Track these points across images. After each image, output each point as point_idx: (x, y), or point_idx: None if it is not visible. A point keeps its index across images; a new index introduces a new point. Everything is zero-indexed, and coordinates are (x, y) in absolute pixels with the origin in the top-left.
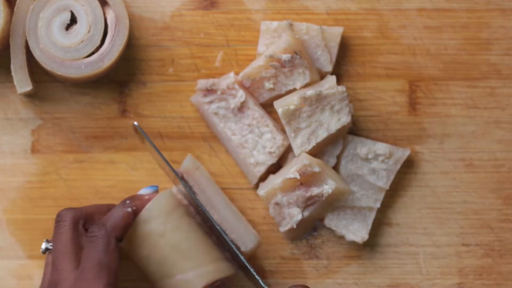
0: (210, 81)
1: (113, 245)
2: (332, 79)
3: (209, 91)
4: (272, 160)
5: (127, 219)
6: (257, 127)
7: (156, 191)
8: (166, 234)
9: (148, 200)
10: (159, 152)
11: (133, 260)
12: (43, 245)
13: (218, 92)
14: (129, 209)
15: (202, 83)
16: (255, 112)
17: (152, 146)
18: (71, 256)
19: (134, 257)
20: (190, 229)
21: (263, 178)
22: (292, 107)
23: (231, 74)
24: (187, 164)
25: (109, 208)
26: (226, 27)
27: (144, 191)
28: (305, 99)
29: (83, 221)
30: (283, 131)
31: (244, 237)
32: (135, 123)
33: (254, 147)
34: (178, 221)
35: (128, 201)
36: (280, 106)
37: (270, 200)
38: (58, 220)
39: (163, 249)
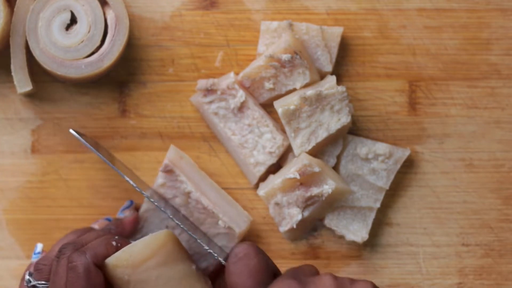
0: (210, 81)
1: (93, 271)
2: (332, 79)
3: (209, 91)
4: (272, 160)
5: (109, 249)
6: (257, 127)
7: (132, 208)
8: (130, 284)
9: (129, 224)
10: (105, 160)
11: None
12: (26, 277)
13: (218, 92)
14: (113, 243)
15: (202, 83)
16: (255, 112)
17: (99, 156)
18: None
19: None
20: (158, 284)
21: (263, 178)
22: (292, 107)
23: (231, 74)
24: (171, 155)
25: (105, 234)
26: (226, 27)
27: (122, 214)
28: (305, 99)
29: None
30: (283, 131)
31: (236, 219)
32: (71, 130)
33: (254, 147)
34: (147, 273)
35: (112, 227)
36: (280, 106)
37: (270, 200)
38: (60, 254)
39: None
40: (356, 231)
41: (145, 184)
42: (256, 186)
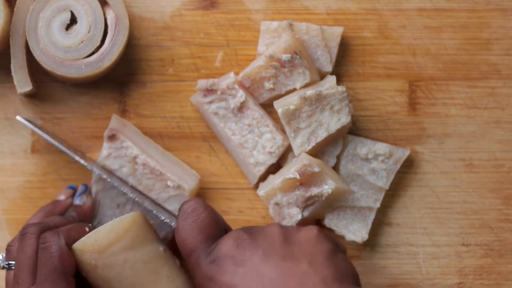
0: (210, 81)
1: (66, 252)
2: (332, 79)
3: (209, 91)
4: (272, 160)
5: (82, 234)
6: (257, 127)
7: (87, 194)
8: (98, 269)
9: (88, 209)
10: (59, 146)
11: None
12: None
13: (218, 92)
14: (87, 229)
15: (202, 83)
16: (255, 112)
17: (49, 140)
18: (33, 270)
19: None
20: (125, 267)
21: (263, 178)
22: (292, 107)
23: (231, 74)
24: (114, 124)
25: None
26: (226, 27)
27: (79, 201)
28: (305, 99)
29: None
30: (283, 131)
31: (185, 177)
32: (18, 117)
33: (254, 147)
34: (113, 258)
35: (73, 214)
36: (280, 106)
37: (270, 200)
38: (24, 232)
39: (96, 279)
40: (356, 231)
41: (91, 160)
42: (256, 186)
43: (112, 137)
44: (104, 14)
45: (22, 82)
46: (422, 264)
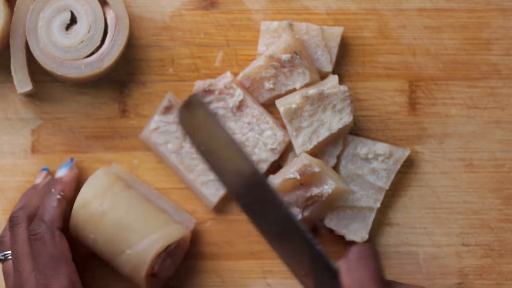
0: (207, 82)
1: (58, 236)
2: (334, 79)
3: (207, 91)
4: (274, 156)
5: (60, 206)
6: (257, 125)
7: (72, 167)
8: (106, 214)
9: (69, 181)
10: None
11: (84, 244)
12: None
13: (216, 92)
14: (58, 196)
15: (200, 84)
16: (254, 110)
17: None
18: (29, 256)
19: (84, 242)
20: (130, 202)
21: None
22: (294, 106)
23: (228, 74)
24: (170, 97)
25: (45, 192)
26: (226, 27)
27: (60, 173)
28: (307, 98)
29: (33, 218)
30: (283, 126)
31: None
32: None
33: (256, 145)
34: (116, 197)
35: (53, 189)
36: (282, 105)
37: None
38: (12, 223)
39: (107, 228)
40: (356, 231)
41: None
42: None
43: (168, 109)
44: (104, 14)
45: (22, 82)
46: (422, 264)
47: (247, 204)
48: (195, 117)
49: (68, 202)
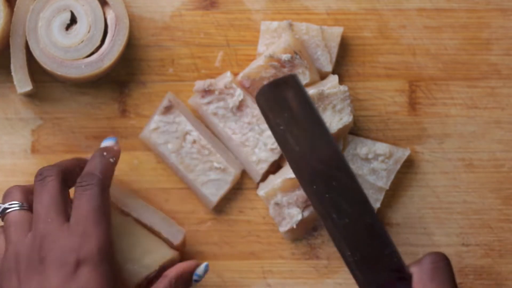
0: (207, 82)
1: (107, 192)
2: (334, 79)
3: (207, 92)
4: (274, 156)
5: (112, 168)
6: (257, 125)
7: (117, 141)
8: None
9: (118, 150)
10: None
11: None
12: None
13: (216, 92)
14: (112, 160)
15: (199, 84)
16: (254, 109)
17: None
18: (62, 208)
19: None
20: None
21: (263, 178)
22: None
23: (228, 74)
24: (170, 97)
25: (84, 161)
26: (226, 27)
27: (108, 142)
28: None
29: (66, 177)
30: None
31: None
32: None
33: (256, 145)
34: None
35: (105, 153)
36: None
37: (270, 200)
38: (44, 176)
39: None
40: None
41: None
42: (256, 186)
43: (168, 108)
44: (104, 14)
45: (22, 82)
46: None
47: (320, 191)
48: (283, 95)
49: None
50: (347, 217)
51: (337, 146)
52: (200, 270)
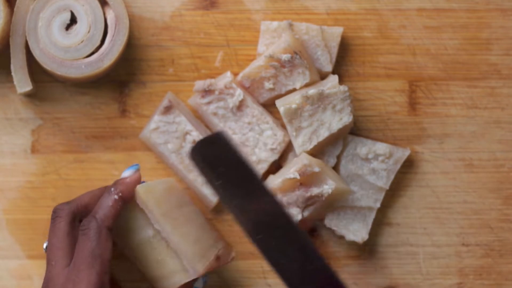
0: (207, 81)
1: (104, 235)
2: (334, 79)
3: (207, 91)
4: (274, 156)
5: (116, 207)
6: (257, 125)
7: (138, 170)
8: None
9: (131, 182)
10: None
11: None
12: (45, 244)
13: (216, 92)
14: (116, 197)
15: (200, 84)
16: (254, 109)
17: None
18: (67, 251)
19: (121, 246)
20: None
21: (263, 178)
22: (294, 105)
23: (228, 74)
24: (170, 97)
25: (101, 192)
26: (226, 27)
27: (126, 173)
28: (307, 98)
29: (79, 215)
30: (283, 126)
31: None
32: None
33: (256, 144)
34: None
35: (112, 189)
36: (282, 105)
37: None
38: (55, 216)
39: (136, 248)
40: (356, 231)
41: None
42: None
43: (168, 109)
44: (104, 14)
45: (22, 82)
46: (422, 264)
47: (263, 240)
48: (216, 152)
49: (125, 203)
50: (294, 264)
51: (273, 194)
52: (198, 283)
